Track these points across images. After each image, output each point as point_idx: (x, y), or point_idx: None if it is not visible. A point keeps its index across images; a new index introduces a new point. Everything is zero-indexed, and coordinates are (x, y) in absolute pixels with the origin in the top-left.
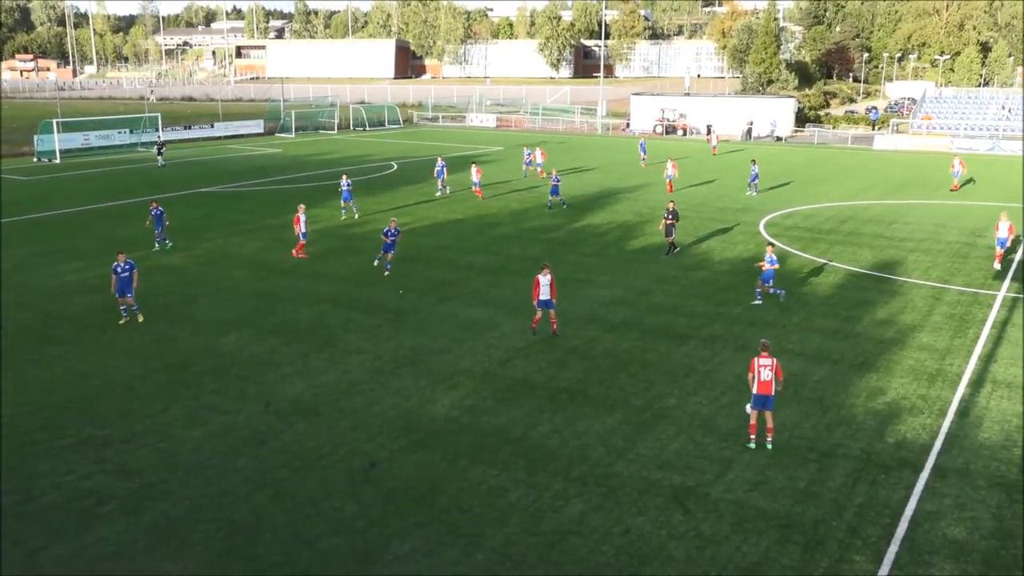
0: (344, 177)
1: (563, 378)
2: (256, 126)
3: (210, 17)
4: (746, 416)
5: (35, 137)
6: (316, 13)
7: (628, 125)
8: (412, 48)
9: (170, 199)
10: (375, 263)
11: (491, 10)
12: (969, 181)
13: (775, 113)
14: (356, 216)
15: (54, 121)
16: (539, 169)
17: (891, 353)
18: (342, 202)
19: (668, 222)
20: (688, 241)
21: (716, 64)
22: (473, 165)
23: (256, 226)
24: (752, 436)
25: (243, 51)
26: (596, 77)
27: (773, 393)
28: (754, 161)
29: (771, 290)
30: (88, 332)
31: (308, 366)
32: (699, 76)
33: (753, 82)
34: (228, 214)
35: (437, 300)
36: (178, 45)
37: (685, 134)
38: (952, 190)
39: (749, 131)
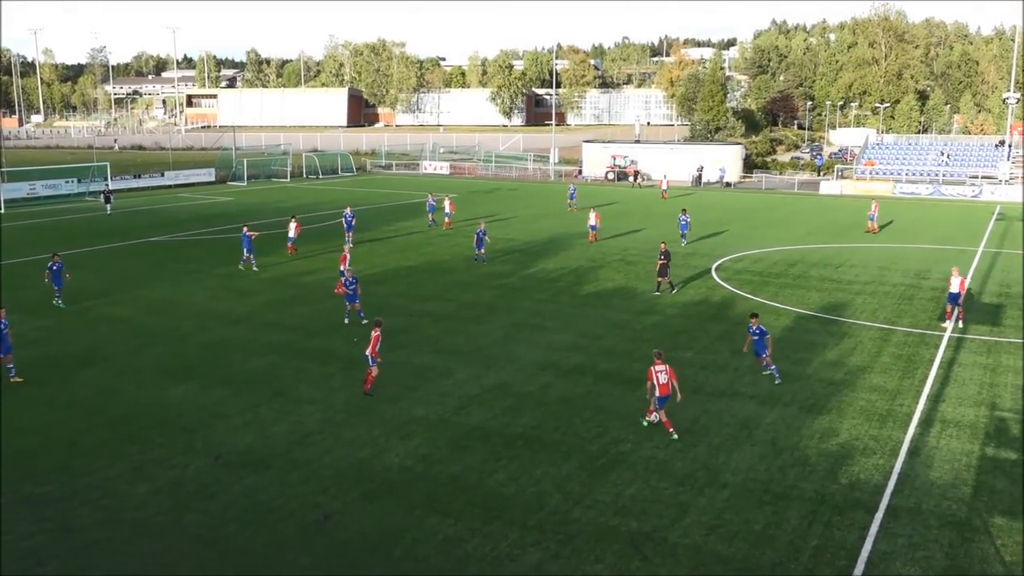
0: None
1: (518, 424)
2: (207, 174)
3: (160, 66)
4: (656, 420)
5: None
6: (268, 62)
7: (580, 172)
8: (365, 96)
9: (118, 248)
10: (346, 320)
11: (443, 59)
12: (888, 223)
13: (724, 159)
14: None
15: None
16: (447, 220)
17: (842, 394)
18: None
19: (662, 262)
20: (638, 286)
21: (665, 112)
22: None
23: (205, 275)
24: (670, 429)
25: (194, 100)
26: (548, 125)
27: (670, 393)
28: (684, 211)
29: (768, 365)
30: (27, 387)
31: (259, 417)
32: (649, 123)
33: (701, 129)
34: (177, 263)
35: (390, 348)
36: (128, 94)
37: (636, 179)
38: (868, 231)
39: (699, 177)
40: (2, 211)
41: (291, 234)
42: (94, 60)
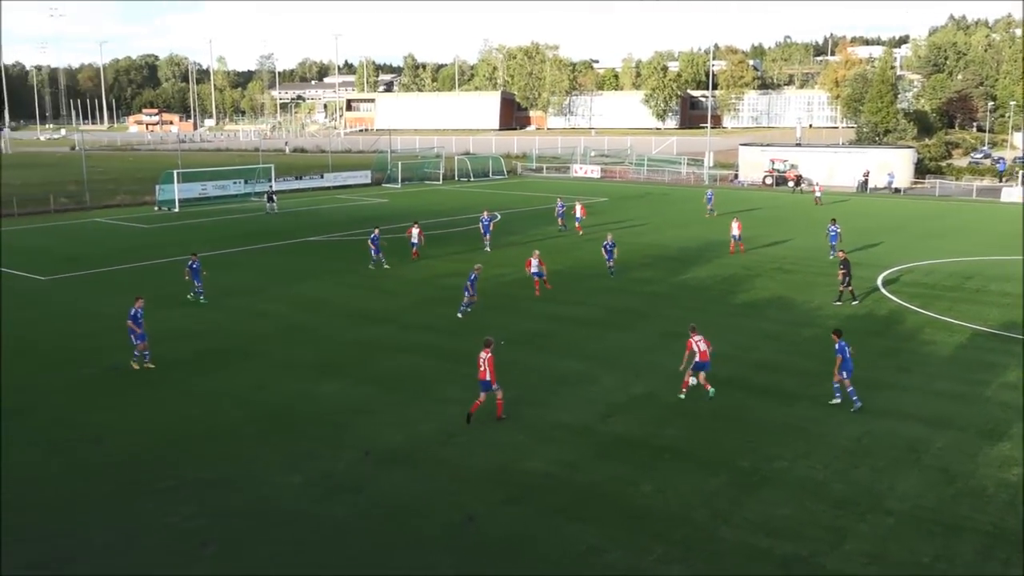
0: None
1: (665, 436)
2: (364, 176)
3: (323, 72)
4: (695, 383)
5: (156, 187)
6: (424, 67)
7: (736, 176)
8: (517, 100)
9: (278, 247)
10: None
11: (596, 61)
12: None
13: (892, 163)
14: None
15: (174, 172)
16: (577, 224)
17: None
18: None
19: (841, 272)
20: (796, 297)
21: (828, 114)
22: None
23: (358, 276)
24: (708, 388)
25: (353, 104)
26: (703, 128)
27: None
28: (834, 221)
29: (838, 386)
30: (192, 376)
31: (405, 415)
32: (811, 126)
33: (868, 132)
34: (330, 263)
35: (533, 351)
36: (292, 99)
37: (797, 185)
38: None
39: (864, 182)
40: (177, 209)
41: (414, 239)
42: (262, 67)
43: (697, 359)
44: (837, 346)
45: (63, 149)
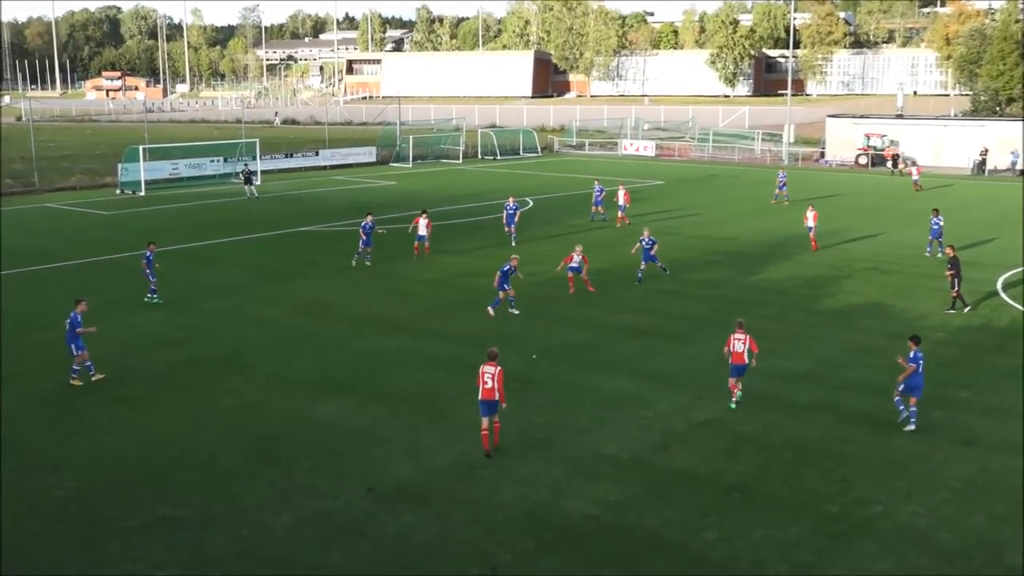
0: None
1: (734, 472)
2: (367, 154)
3: (319, 27)
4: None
5: (119, 166)
6: (441, 21)
7: (823, 155)
8: (554, 61)
9: (265, 239)
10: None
11: (651, 14)
12: None
13: (1017, 140)
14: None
15: (140, 148)
16: (620, 214)
17: None
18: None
19: (950, 272)
20: (895, 303)
21: (937, 78)
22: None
23: (363, 273)
24: (735, 392)
25: (355, 66)
26: (782, 95)
27: (747, 362)
28: (936, 211)
29: (906, 409)
30: (167, 394)
31: (419, 443)
32: (915, 93)
33: (987, 100)
34: (330, 258)
35: (575, 368)
36: (281, 60)
37: (895, 166)
38: None
39: (982, 163)
40: (143, 193)
41: (421, 231)
42: (245, 21)
43: (731, 361)
44: (912, 355)
45: (8, 120)
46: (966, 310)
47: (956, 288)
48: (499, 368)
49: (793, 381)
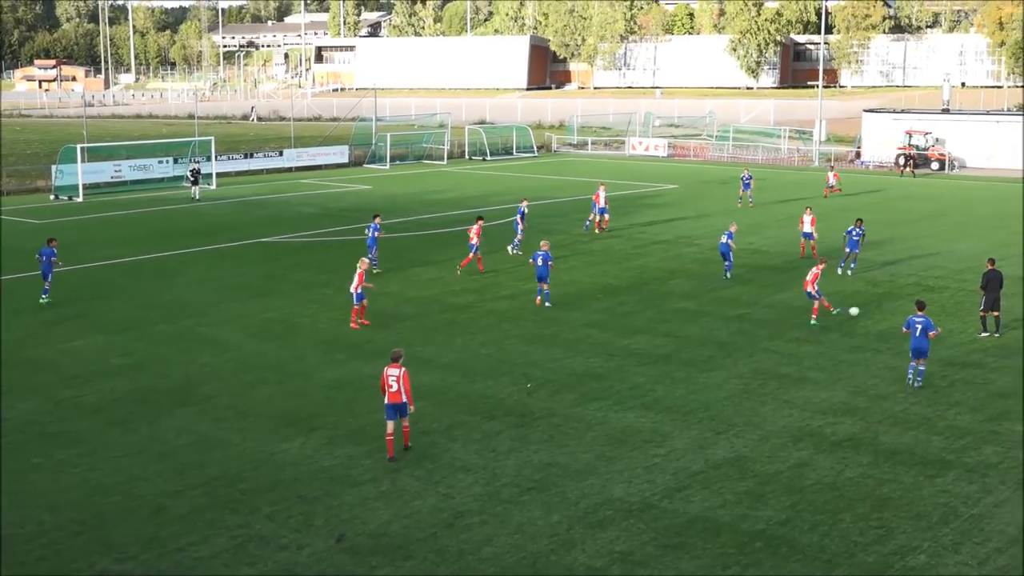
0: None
1: (759, 518)
2: (339, 154)
3: (284, 9)
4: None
5: (53, 168)
6: (424, 2)
7: (858, 155)
8: (553, 48)
9: (222, 251)
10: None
11: None
12: None
13: None
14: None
15: (78, 147)
16: (597, 217)
17: None
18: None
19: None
20: (943, 324)
21: (989, 68)
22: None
23: (335, 290)
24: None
25: (325, 53)
26: (812, 87)
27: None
28: (860, 221)
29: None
30: (110, 430)
31: (397, 486)
32: (963, 85)
33: None
34: (298, 273)
35: (579, 399)
36: (240, 46)
37: (943, 168)
38: None
39: None
40: (80, 199)
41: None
42: (199, 2)
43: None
44: (907, 320)
45: None
46: (996, 335)
47: (982, 308)
48: (404, 369)
49: (826, 413)
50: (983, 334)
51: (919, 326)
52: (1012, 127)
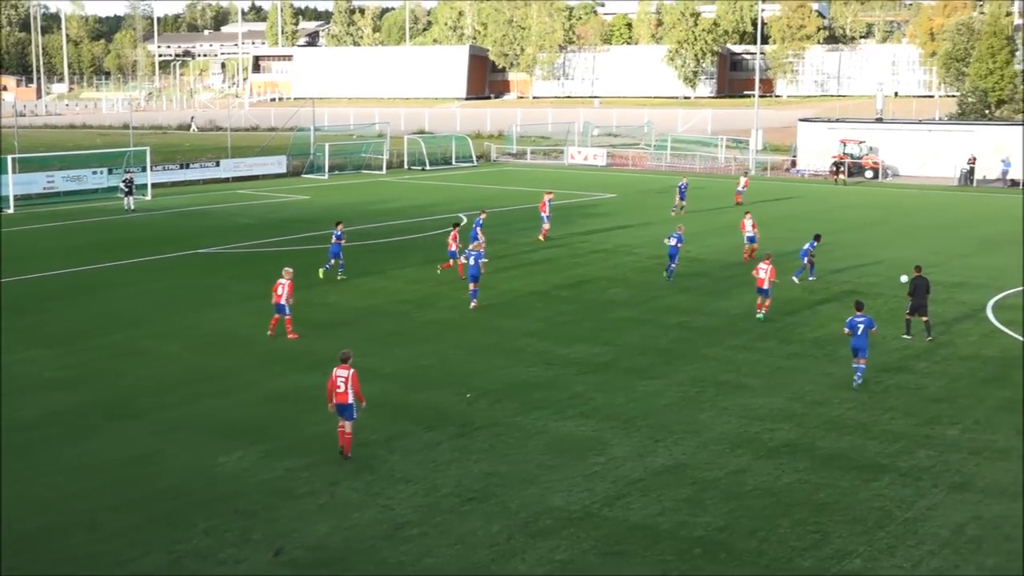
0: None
1: (698, 524)
2: (277, 164)
3: (220, 18)
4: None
5: None
6: (362, 11)
7: (794, 163)
8: (492, 58)
9: (159, 263)
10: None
11: (602, 5)
12: None
13: (1010, 146)
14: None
15: (7, 158)
16: (544, 226)
17: None
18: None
19: (912, 297)
20: (880, 330)
21: (921, 77)
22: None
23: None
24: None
25: (262, 63)
26: (749, 96)
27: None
28: (818, 237)
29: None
30: (47, 445)
31: (337, 498)
32: (896, 95)
33: (975, 102)
34: (237, 284)
35: (520, 408)
36: (176, 55)
37: (876, 176)
38: None
39: (970, 172)
40: (11, 210)
41: (452, 247)
42: (135, 11)
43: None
44: (848, 320)
45: None
46: (929, 338)
47: (908, 311)
48: (353, 371)
49: (764, 420)
50: (907, 336)
51: (861, 325)
52: (943, 136)
